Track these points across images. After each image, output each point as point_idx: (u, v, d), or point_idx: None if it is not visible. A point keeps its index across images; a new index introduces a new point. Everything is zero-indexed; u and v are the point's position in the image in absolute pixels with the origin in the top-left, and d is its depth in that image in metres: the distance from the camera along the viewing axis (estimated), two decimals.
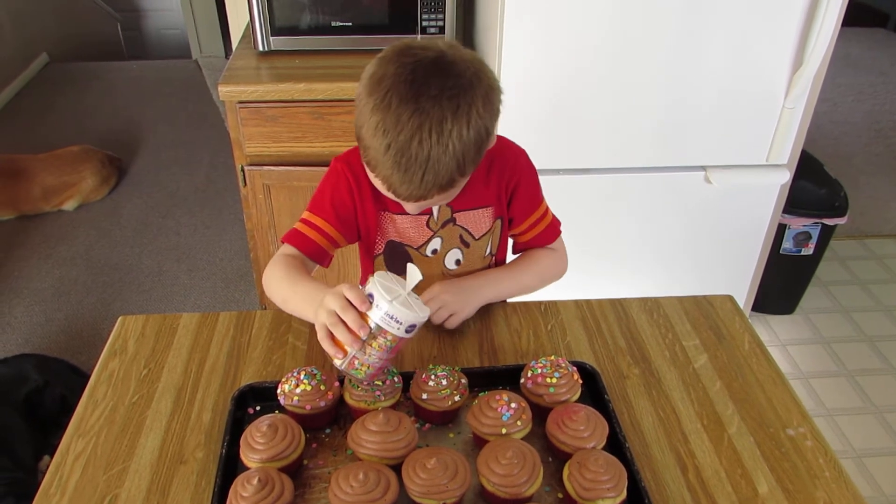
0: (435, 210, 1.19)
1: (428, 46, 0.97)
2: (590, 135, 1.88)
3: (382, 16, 2.02)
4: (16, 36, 4.54)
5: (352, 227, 1.19)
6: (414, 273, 0.94)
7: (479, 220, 1.21)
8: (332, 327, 0.92)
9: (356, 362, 0.93)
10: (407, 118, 0.92)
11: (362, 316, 0.91)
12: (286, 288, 1.11)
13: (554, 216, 1.28)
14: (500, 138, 1.22)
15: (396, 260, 1.24)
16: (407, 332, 0.92)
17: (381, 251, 1.24)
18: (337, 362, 0.94)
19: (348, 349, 0.92)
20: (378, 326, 0.91)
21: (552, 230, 1.27)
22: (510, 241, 1.31)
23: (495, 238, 1.25)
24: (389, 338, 0.92)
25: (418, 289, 0.97)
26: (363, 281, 1.33)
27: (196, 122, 4.10)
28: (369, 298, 0.92)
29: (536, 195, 1.25)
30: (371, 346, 0.92)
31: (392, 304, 0.90)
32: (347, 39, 2.01)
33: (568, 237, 1.30)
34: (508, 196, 1.21)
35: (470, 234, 1.22)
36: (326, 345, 0.94)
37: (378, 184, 1.01)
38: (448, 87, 0.93)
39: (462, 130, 0.94)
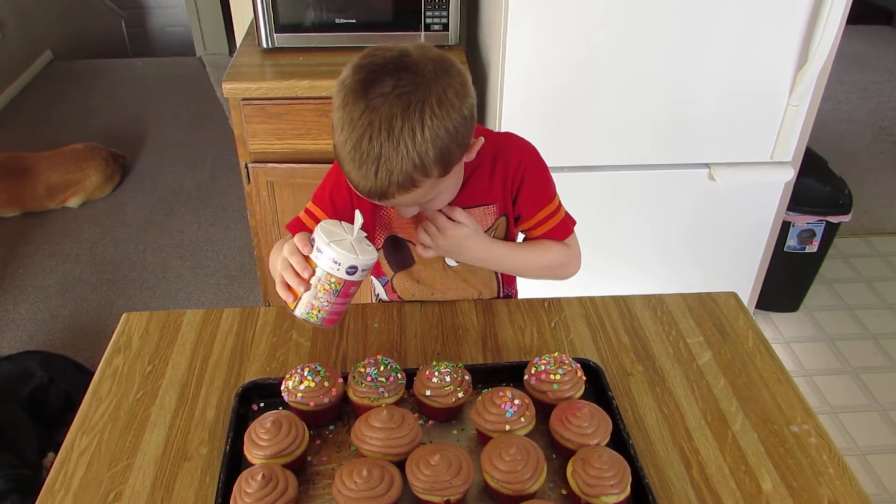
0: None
1: (392, 48, 0.97)
2: (594, 132, 1.87)
3: (386, 13, 2.02)
4: (20, 33, 4.55)
5: (349, 221, 1.19)
6: (358, 217, 1.00)
7: (481, 218, 1.21)
8: (283, 272, 0.98)
9: (307, 306, 0.97)
10: (358, 115, 0.92)
11: (308, 260, 0.97)
12: (275, 258, 1.13)
13: (568, 214, 1.25)
14: (507, 134, 1.22)
15: (397, 254, 1.25)
16: (348, 273, 0.95)
17: (381, 245, 1.25)
18: (292, 308, 0.99)
19: (298, 293, 0.97)
20: (321, 269, 0.95)
21: (564, 227, 1.23)
22: (521, 238, 1.30)
23: (498, 234, 1.24)
24: (333, 280, 0.96)
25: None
26: (374, 271, 1.34)
27: (200, 119, 4.10)
28: (312, 243, 0.97)
29: (546, 191, 1.21)
30: (319, 289, 0.96)
31: (329, 246, 0.94)
32: (351, 36, 2.01)
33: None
34: (514, 193, 1.19)
35: None
36: (280, 290, 0.99)
37: (348, 181, 1.01)
38: (401, 84, 0.92)
39: (415, 129, 0.92)
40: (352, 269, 0.95)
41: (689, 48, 1.77)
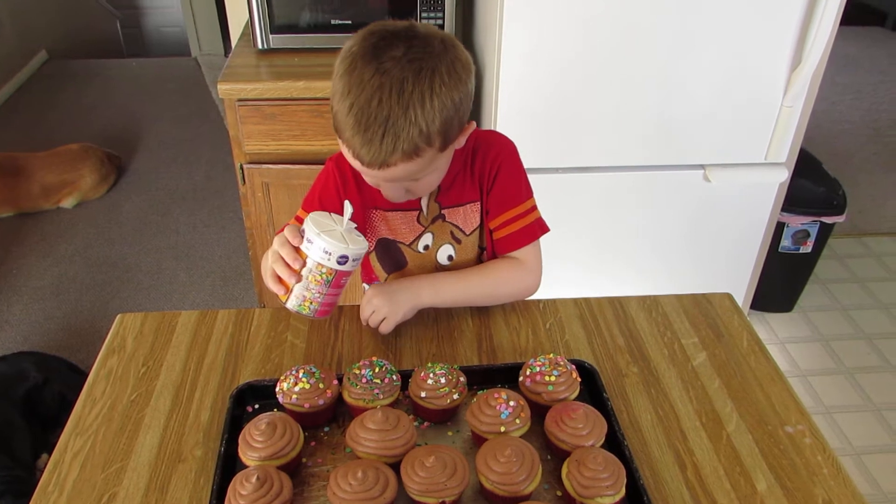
0: (424, 205, 1.19)
1: (399, 21, 0.99)
2: (589, 133, 1.88)
3: (382, 13, 2.02)
4: (15, 33, 4.53)
5: None
6: (347, 207, 1.00)
7: (468, 216, 1.21)
8: (273, 265, 0.98)
9: (298, 298, 0.98)
10: (368, 77, 0.93)
11: (299, 252, 0.97)
12: (265, 258, 1.13)
13: (539, 221, 1.21)
14: (491, 132, 1.23)
15: (389, 256, 1.25)
16: (339, 263, 0.96)
17: (371, 248, 1.25)
18: (284, 300, 0.99)
19: (290, 285, 0.97)
20: (312, 259, 0.96)
21: (527, 233, 1.19)
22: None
23: (486, 231, 1.24)
24: (324, 270, 0.96)
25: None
26: (365, 277, 1.34)
27: (195, 120, 4.09)
28: (302, 233, 0.97)
29: (518, 191, 1.19)
30: (310, 280, 0.96)
31: (320, 236, 0.94)
32: (347, 38, 1.99)
33: (567, 236, 1.29)
34: (488, 187, 1.18)
35: (461, 230, 1.21)
36: (271, 284, 1.00)
37: (346, 153, 1.00)
38: (412, 51, 0.94)
39: (424, 95, 0.93)
40: (343, 259, 0.96)
41: (683, 50, 1.77)
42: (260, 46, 2.02)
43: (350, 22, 2.00)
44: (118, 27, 5.83)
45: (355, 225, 1.01)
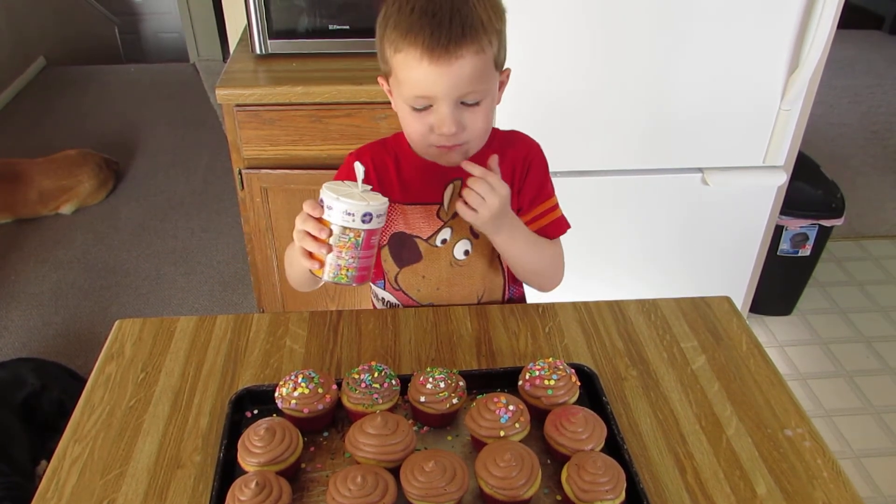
0: (446, 199, 1.19)
1: None
2: (587, 137, 1.88)
3: None
4: (13, 39, 4.54)
5: None
6: (358, 168, 0.99)
7: None
8: (300, 242, 0.98)
9: (333, 268, 0.97)
10: None
11: (322, 222, 0.96)
12: (289, 253, 1.15)
13: (563, 216, 1.25)
14: (513, 131, 1.25)
15: (403, 250, 1.25)
16: (364, 221, 0.95)
17: (385, 242, 1.25)
18: (320, 275, 0.98)
19: (321, 257, 0.97)
20: (337, 225, 0.95)
21: (558, 225, 1.23)
22: None
23: None
24: (352, 233, 0.95)
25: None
26: (375, 276, 1.33)
27: (194, 125, 4.10)
28: (321, 204, 0.97)
29: (546, 187, 1.23)
30: (340, 247, 0.96)
31: (339, 200, 0.94)
32: (345, 42, 2.01)
33: (565, 240, 1.29)
34: (520, 183, 1.21)
35: None
36: (304, 261, 0.99)
37: (403, 73, 1.03)
38: None
39: None
40: (367, 217, 0.95)
41: (681, 53, 1.77)
42: (258, 52, 2.02)
43: (348, 27, 2.00)
44: (116, 33, 5.85)
45: (370, 186, 1.01)
